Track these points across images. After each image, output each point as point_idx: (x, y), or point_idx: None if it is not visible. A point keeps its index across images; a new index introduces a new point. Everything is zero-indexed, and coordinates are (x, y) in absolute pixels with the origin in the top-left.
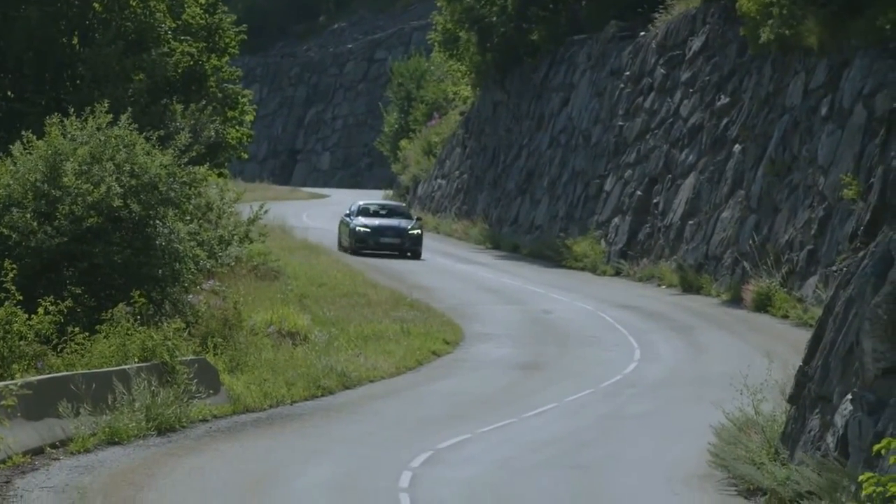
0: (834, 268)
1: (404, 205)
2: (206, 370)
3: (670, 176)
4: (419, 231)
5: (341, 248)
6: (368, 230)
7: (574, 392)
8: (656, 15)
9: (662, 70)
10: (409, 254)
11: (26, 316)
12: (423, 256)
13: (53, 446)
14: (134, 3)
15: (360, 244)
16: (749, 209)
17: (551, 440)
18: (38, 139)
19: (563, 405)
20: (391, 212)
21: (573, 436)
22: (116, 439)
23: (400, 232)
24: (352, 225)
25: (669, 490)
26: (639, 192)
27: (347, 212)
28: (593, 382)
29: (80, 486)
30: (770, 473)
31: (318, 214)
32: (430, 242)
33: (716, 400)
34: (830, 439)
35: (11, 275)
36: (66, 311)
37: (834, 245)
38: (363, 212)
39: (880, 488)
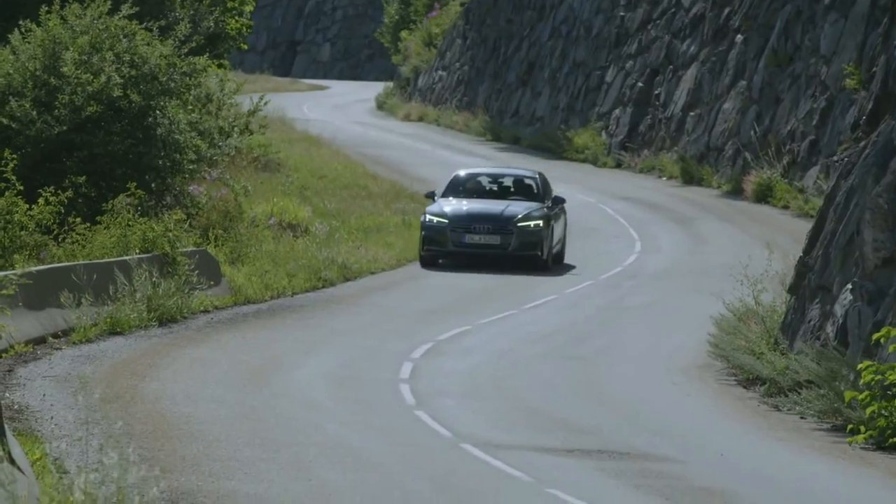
0: (835, 158)
1: (539, 175)
2: (207, 261)
3: (672, 67)
4: (540, 223)
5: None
6: (445, 221)
7: (574, 284)
8: None
9: None
10: (522, 262)
11: (27, 206)
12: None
13: (55, 336)
14: None
15: (430, 246)
16: (751, 100)
17: (551, 332)
18: (37, 27)
19: (563, 297)
20: (509, 188)
21: (573, 327)
22: (118, 329)
23: (502, 223)
24: (425, 215)
25: (668, 380)
26: (640, 84)
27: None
28: (593, 274)
29: (81, 375)
30: (769, 363)
31: (319, 106)
32: (430, 134)
33: (716, 291)
34: (830, 329)
35: (12, 165)
36: (66, 201)
37: (835, 135)
38: (461, 186)
39: (879, 376)
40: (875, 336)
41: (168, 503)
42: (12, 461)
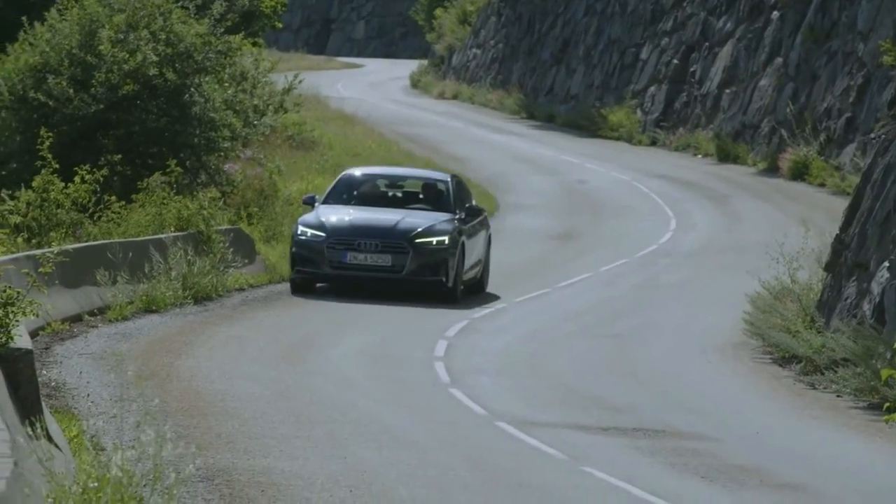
0: (872, 135)
1: (452, 178)
2: (241, 239)
3: (707, 44)
4: (444, 240)
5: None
6: (321, 236)
7: (608, 262)
8: None
9: None
10: (420, 289)
11: (63, 184)
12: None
13: (91, 314)
14: None
15: (301, 267)
16: (787, 77)
17: (585, 310)
18: (74, 2)
19: (598, 275)
20: (415, 194)
21: (607, 305)
22: (153, 307)
23: (395, 239)
24: (297, 226)
25: (703, 358)
26: (675, 61)
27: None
28: (628, 252)
29: (117, 352)
30: (805, 341)
31: (353, 84)
32: (464, 113)
33: (751, 269)
34: (867, 307)
35: (48, 143)
36: (102, 179)
37: (872, 112)
38: (351, 191)
39: None
40: None
41: (204, 480)
42: (49, 438)
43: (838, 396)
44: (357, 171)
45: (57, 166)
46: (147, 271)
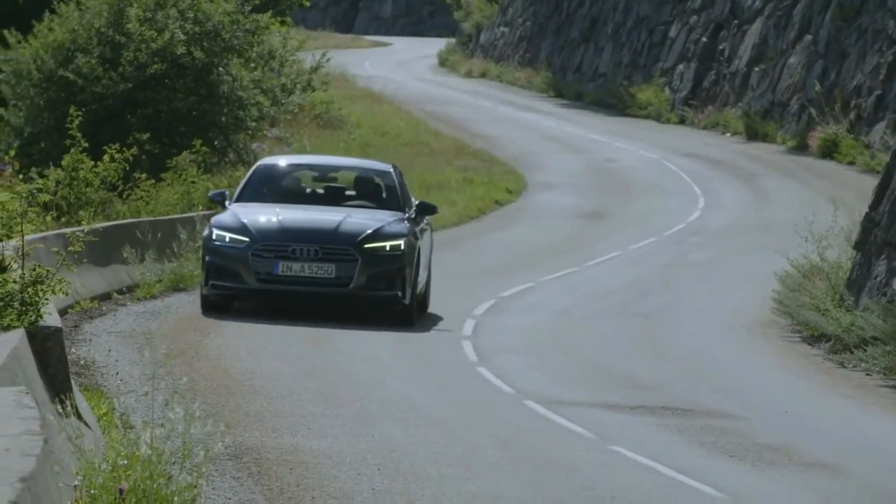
0: None
1: (394, 168)
2: None
3: (736, 21)
4: (400, 244)
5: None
6: (245, 241)
7: (637, 241)
8: None
9: None
10: (370, 306)
11: (92, 163)
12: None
13: (120, 292)
14: None
15: (218, 281)
16: (816, 54)
17: (613, 289)
18: None
19: (626, 254)
20: (346, 190)
21: (636, 284)
22: (181, 286)
23: (339, 244)
24: (211, 230)
25: (732, 337)
26: (704, 39)
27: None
28: (656, 231)
29: (146, 331)
30: (834, 320)
31: (381, 63)
32: (492, 91)
33: (780, 247)
34: None
35: (77, 121)
36: (131, 158)
37: None
38: (270, 186)
39: None
40: None
41: (232, 458)
42: (79, 416)
43: (867, 375)
44: (278, 161)
45: (86, 145)
46: (175, 250)
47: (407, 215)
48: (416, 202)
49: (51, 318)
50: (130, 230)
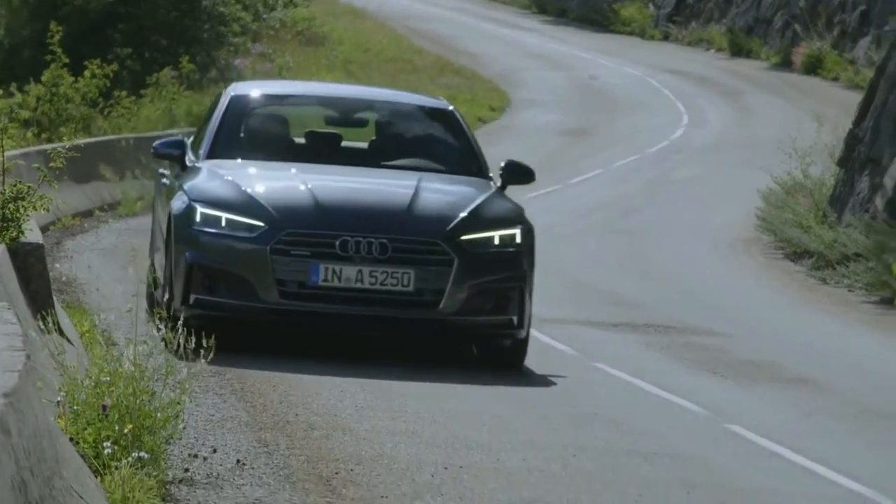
0: (887, 28)
1: (455, 110)
2: None
3: None
4: (516, 234)
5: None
6: (260, 226)
7: (620, 158)
8: None
9: None
10: (462, 342)
11: (73, 79)
12: (462, 23)
13: (102, 209)
14: None
15: (206, 293)
16: None
17: (597, 206)
18: None
19: (610, 171)
20: (389, 142)
21: (619, 201)
22: None
23: (420, 234)
24: (190, 203)
25: (716, 254)
26: None
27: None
28: (640, 148)
29: (128, 248)
30: (817, 236)
31: None
32: (474, 7)
33: (763, 164)
34: (879, 201)
35: (58, 36)
36: (112, 74)
37: (887, 5)
38: (256, 132)
39: None
40: None
41: (216, 375)
42: (61, 332)
43: (850, 291)
44: (262, 91)
45: (67, 61)
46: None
47: (495, 183)
48: (503, 162)
49: (32, 234)
50: (112, 147)
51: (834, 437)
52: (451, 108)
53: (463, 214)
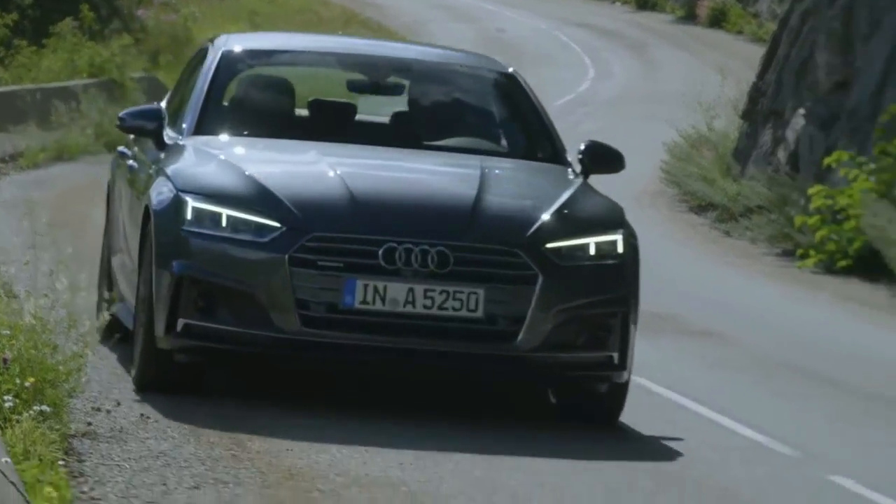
0: None
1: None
2: (156, 88)
3: None
4: (617, 241)
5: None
6: (277, 227)
7: None
8: None
9: None
10: (532, 379)
11: None
12: None
13: (2, 161)
14: None
15: (204, 319)
16: None
17: None
18: None
19: None
20: (430, 114)
21: None
22: (66, 155)
23: (490, 241)
24: (156, 192)
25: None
26: None
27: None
28: (547, 101)
29: (29, 200)
30: (721, 189)
31: None
32: None
33: (669, 117)
34: (782, 154)
35: None
36: (12, 24)
37: None
38: (253, 102)
39: (829, 201)
40: (826, 161)
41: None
42: None
43: (753, 243)
44: (268, 43)
45: None
46: (59, 119)
47: (577, 172)
48: (584, 144)
49: None
50: (12, 98)
51: (737, 389)
52: (511, 70)
53: (545, 215)
